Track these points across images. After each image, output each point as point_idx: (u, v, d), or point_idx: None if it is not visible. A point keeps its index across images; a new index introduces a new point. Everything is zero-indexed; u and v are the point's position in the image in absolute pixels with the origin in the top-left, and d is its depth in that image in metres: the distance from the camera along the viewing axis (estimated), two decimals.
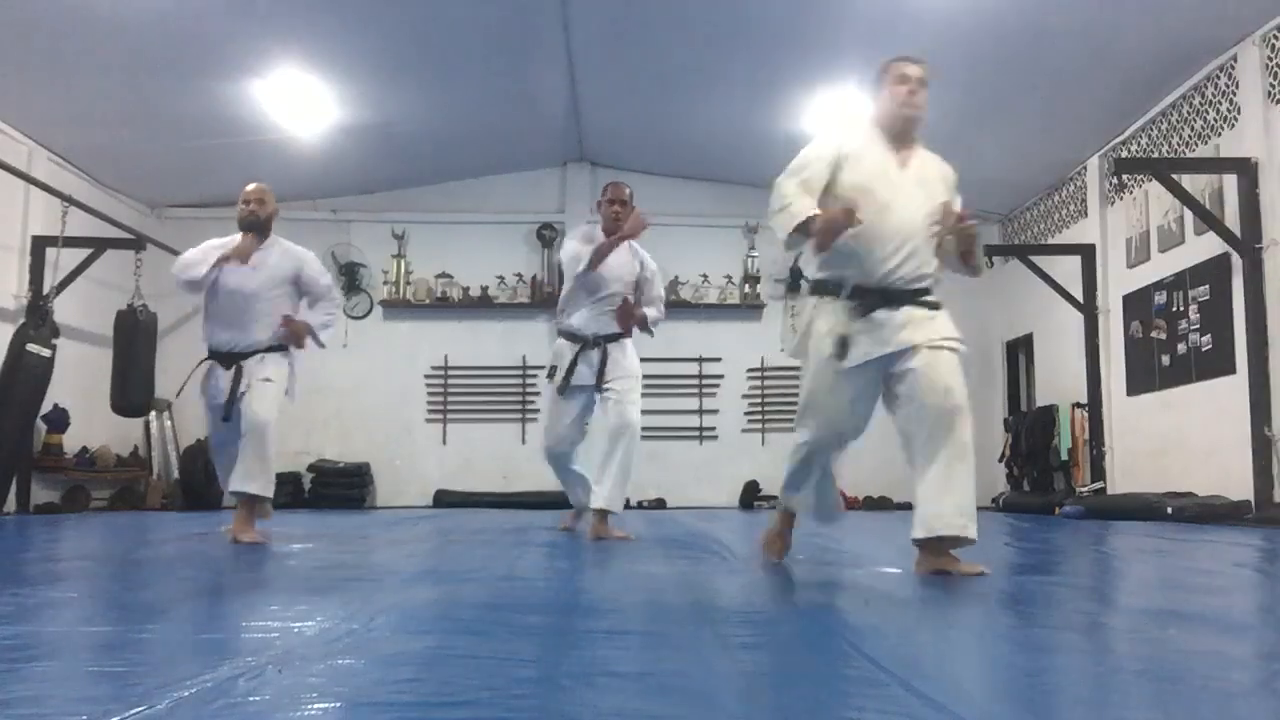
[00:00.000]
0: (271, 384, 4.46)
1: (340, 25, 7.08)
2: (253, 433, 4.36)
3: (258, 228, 4.65)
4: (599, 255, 4.60)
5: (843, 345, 3.04)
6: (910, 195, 3.10)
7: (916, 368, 3.02)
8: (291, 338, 4.56)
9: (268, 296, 4.56)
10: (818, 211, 3.01)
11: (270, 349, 4.54)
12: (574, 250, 4.72)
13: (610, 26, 7.44)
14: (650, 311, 4.86)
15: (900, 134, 3.19)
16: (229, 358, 4.52)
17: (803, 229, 3.01)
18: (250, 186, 4.74)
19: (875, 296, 3.06)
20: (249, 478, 4.36)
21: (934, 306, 3.12)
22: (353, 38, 7.30)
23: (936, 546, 2.99)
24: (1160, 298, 7.62)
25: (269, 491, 4.49)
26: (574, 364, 4.74)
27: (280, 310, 4.57)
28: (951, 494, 2.96)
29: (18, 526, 6.17)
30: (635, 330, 4.85)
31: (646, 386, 4.91)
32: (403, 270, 10.50)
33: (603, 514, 4.62)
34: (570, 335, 4.83)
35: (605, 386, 4.70)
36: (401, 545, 4.60)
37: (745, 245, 10.61)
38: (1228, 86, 6.91)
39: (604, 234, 4.71)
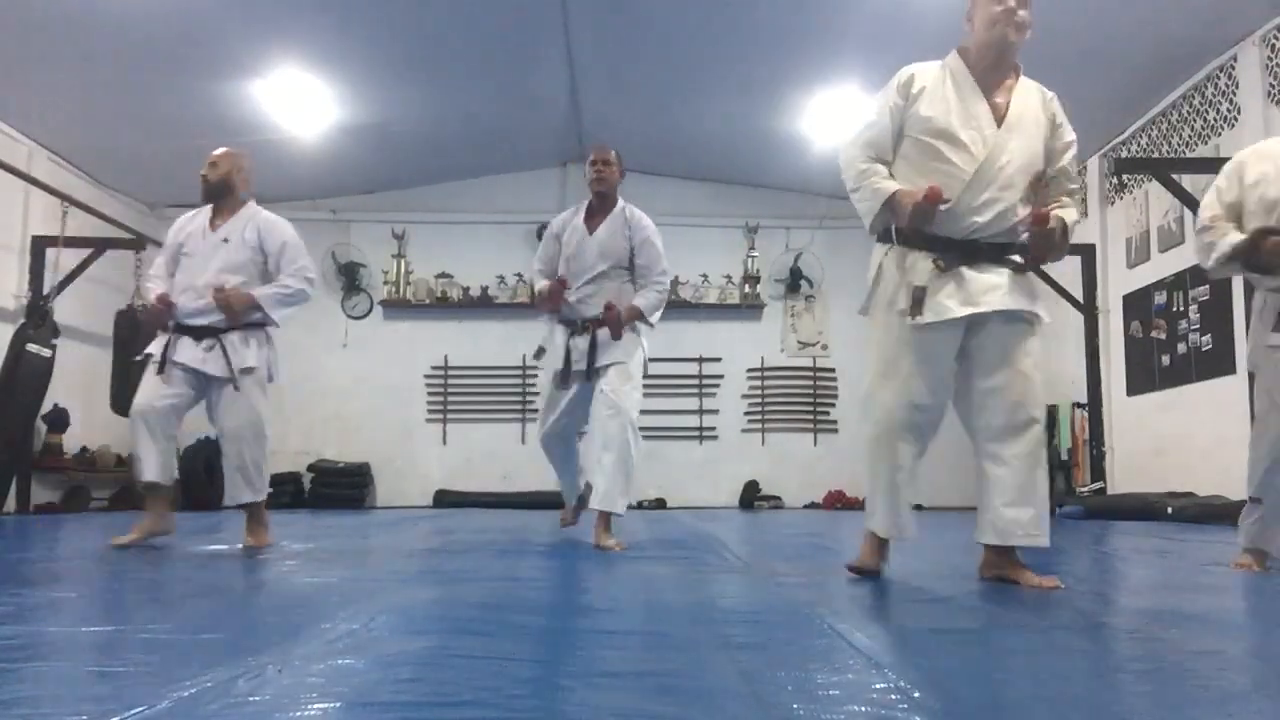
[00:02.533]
0: (257, 372, 4.13)
1: (340, 25, 7.08)
2: (244, 432, 4.11)
3: (212, 197, 4.26)
4: (543, 298, 4.38)
5: (918, 299, 2.68)
6: (1003, 138, 2.71)
7: (997, 343, 2.73)
8: (225, 311, 4.05)
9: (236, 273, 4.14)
10: (897, 188, 2.71)
11: (247, 325, 4.14)
12: (538, 253, 4.69)
13: (610, 27, 7.44)
14: (641, 301, 4.31)
15: (994, 64, 2.76)
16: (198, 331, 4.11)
17: (886, 209, 2.73)
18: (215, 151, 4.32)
19: (958, 252, 2.71)
20: (239, 488, 4.13)
21: (1022, 268, 2.78)
22: (353, 38, 7.31)
23: (1007, 553, 2.81)
24: (1160, 298, 7.63)
25: (262, 496, 4.21)
26: (569, 351, 4.33)
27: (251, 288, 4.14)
28: (1033, 502, 2.73)
29: (18, 526, 6.17)
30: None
31: (646, 386, 4.63)
32: (403, 270, 10.50)
33: (604, 516, 4.18)
34: (563, 320, 4.43)
35: (596, 370, 4.28)
36: (401, 545, 4.60)
37: (745, 245, 10.61)
38: (1228, 86, 6.91)
39: (593, 199, 4.50)
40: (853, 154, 2.82)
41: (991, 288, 2.70)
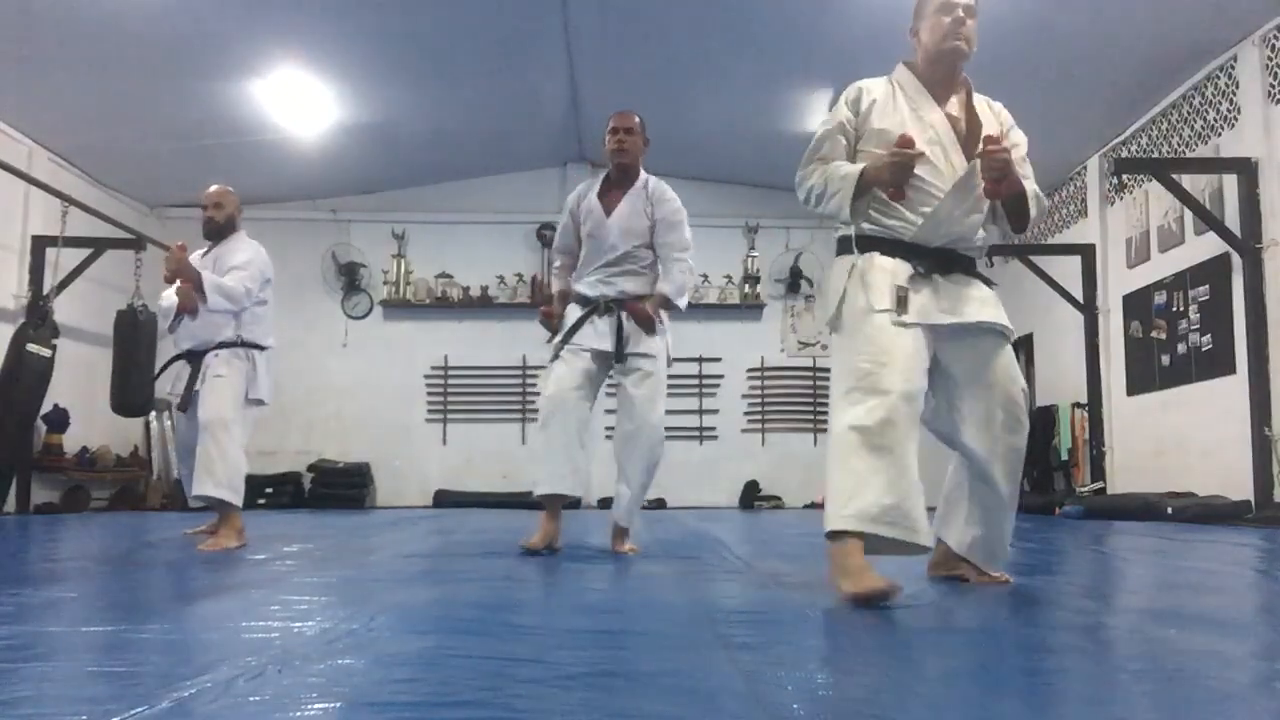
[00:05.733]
0: (223, 379, 4.24)
1: (340, 25, 7.08)
2: (202, 431, 4.18)
3: (216, 236, 4.51)
4: (544, 316, 4.18)
5: (901, 298, 2.52)
6: (965, 144, 2.62)
7: (989, 359, 2.60)
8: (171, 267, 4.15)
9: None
10: (863, 165, 2.53)
11: (223, 345, 4.31)
12: (558, 235, 4.30)
13: (610, 27, 7.45)
14: (666, 286, 4.03)
15: (944, 76, 2.66)
16: (190, 355, 4.39)
17: (861, 191, 2.52)
18: (210, 189, 4.55)
19: (933, 258, 2.58)
20: (199, 481, 4.15)
21: (989, 283, 2.69)
22: (353, 38, 7.31)
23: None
24: (1160, 298, 7.63)
25: (225, 495, 4.16)
26: (579, 325, 3.97)
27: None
28: (1011, 520, 2.72)
29: (18, 526, 6.17)
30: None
31: None
32: (403, 270, 10.51)
33: (621, 529, 4.04)
34: (579, 299, 4.06)
35: (623, 367, 3.97)
36: (401, 545, 4.60)
37: (745, 245, 10.61)
38: (1228, 86, 6.91)
39: (612, 170, 4.15)
40: (808, 169, 2.65)
41: (969, 299, 2.59)
